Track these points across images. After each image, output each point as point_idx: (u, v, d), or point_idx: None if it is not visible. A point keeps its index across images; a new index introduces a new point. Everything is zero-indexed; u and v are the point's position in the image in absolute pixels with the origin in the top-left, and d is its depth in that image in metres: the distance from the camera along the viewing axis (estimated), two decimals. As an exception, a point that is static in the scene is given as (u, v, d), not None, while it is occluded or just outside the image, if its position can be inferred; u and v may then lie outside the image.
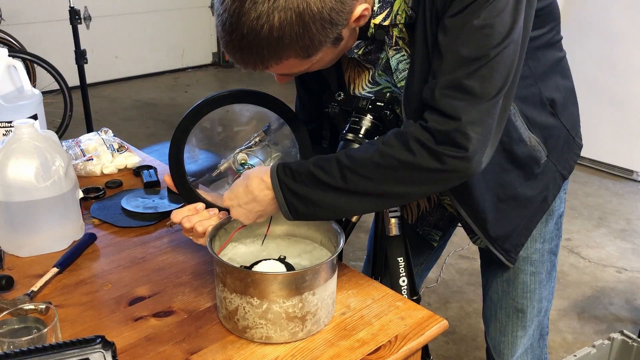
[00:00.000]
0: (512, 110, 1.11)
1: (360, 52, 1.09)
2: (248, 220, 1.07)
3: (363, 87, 1.18)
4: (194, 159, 1.20)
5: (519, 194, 1.20)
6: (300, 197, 1.01)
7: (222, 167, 1.22)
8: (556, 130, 1.21)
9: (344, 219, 1.41)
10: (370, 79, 1.16)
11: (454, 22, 0.93)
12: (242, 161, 1.19)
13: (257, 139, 1.22)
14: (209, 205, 1.15)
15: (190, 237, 1.14)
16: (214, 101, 1.14)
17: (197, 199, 1.16)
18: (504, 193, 1.19)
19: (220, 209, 1.14)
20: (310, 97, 1.30)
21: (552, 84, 1.18)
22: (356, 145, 1.19)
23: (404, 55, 1.07)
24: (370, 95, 1.16)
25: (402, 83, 1.09)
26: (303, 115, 1.31)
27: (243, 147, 1.21)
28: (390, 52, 1.08)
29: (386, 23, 1.02)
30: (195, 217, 1.12)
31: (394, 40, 1.06)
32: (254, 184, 1.04)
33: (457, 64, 0.94)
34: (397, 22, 1.02)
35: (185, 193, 1.16)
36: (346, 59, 1.16)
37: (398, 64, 1.08)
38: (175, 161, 1.16)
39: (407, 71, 1.06)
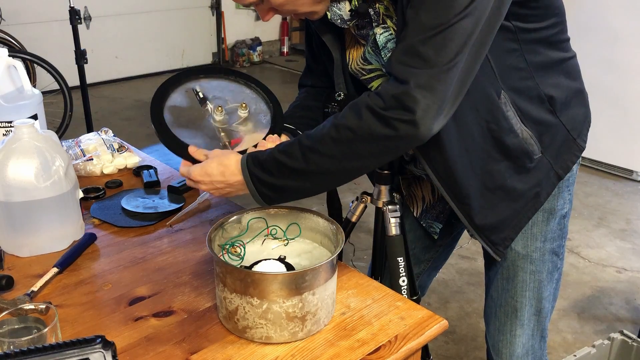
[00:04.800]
0: (503, 100, 1.12)
1: (351, 24, 1.13)
2: (218, 195, 1.17)
3: (357, 64, 1.20)
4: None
5: (508, 186, 1.20)
6: (269, 186, 1.08)
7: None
8: (554, 128, 1.20)
9: (344, 219, 1.42)
10: (362, 55, 1.18)
11: None
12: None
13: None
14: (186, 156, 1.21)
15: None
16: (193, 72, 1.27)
17: (182, 147, 1.21)
18: (492, 182, 1.19)
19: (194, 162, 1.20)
20: (317, 66, 1.38)
21: (552, 81, 1.18)
22: None
23: (392, 34, 1.08)
24: (364, 72, 1.18)
25: None
26: (308, 79, 1.42)
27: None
28: (378, 30, 1.10)
29: None
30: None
31: (380, 17, 1.08)
32: (228, 172, 1.11)
33: (415, 31, 0.97)
34: None
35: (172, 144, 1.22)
36: (349, 34, 1.20)
37: (387, 42, 1.10)
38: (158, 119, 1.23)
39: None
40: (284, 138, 1.27)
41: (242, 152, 1.16)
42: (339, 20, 1.13)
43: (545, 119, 1.19)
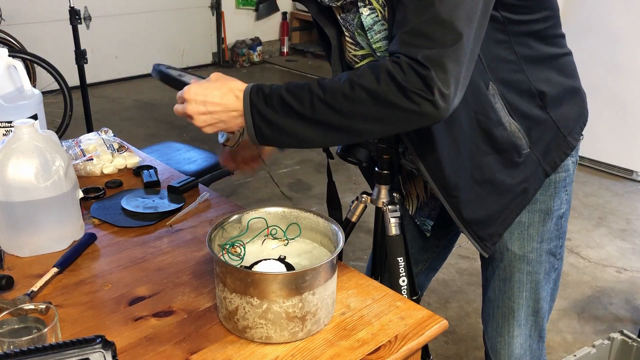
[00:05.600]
0: (491, 91, 1.12)
1: (338, 3, 1.12)
2: (208, 129, 1.06)
3: (348, 50, 1.19)
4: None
5: (497, 180, 1.20)
6: (268, 122, 1.02)
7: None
8: (543, 123, 1.20)
9: (343, 219, 1.42)
10: (351, 37, 1.17)
11: None
12: None
13: None
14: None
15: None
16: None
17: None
18: (480, 175, 1.19)
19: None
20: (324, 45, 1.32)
21: (544, 76, 1.18)
22: (356, 147, 1.19)
23: (378, 15, 1.08)
24: (357, 59, 1.18)
25: (378, 44, 1.11)
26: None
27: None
28: (364, 10, 1.09)
29: None
30: None
31: None
32: (228, 96, 1.03)
33: (414, 9, 0.95)
34: None
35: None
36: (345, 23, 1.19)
37: (374, 24, 1.10)
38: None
39: (382, 33, 1.09)
40: None
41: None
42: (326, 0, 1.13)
43: (534, 114, 1.18)
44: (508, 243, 1.30)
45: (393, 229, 1.32)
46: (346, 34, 1.18)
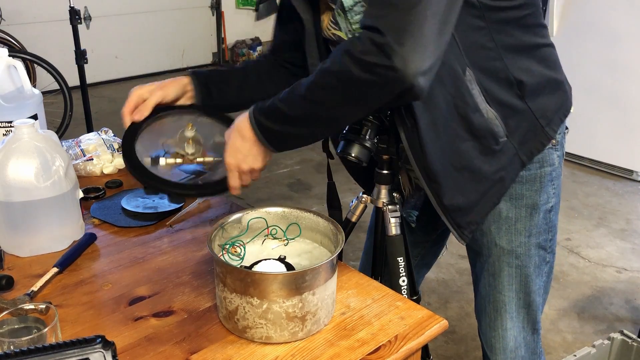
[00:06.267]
0: (468, 77, 1.13)
1: None
2: (252, 168, 1.16)
3: (328, 28, 1.20)
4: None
5: (475, 167, 1.20)
6: (273, 132, 1.10)
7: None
8: (520, 113, 1.20)
9: (343, 219, 1.42)
10: (332, 17, 1.17)
11: None
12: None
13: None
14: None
15: None
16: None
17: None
18: (459, 162, 1.19)
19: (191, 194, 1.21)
20: (285, 37, 1.37)
21: (523, 66, 1.18)
22: (356, 147, 1.19)
23: None
24: (334, 38, 1.19)
25: (356, 26, 1.11)
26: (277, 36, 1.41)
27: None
28: None
29: None
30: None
31: None
32: (243, 132, 1.12)
33: None
34: None
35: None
36: (322, 3, 1.20)
37: (354, 5, 1.10)
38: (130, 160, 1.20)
39: (361, 14, 1.08)
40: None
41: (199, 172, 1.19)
42: None
43: (511, 103, 1.18)
44: (496, 238, 1.31)
45: (393, 228, 1.32)
46: (332, 6, 1.18)
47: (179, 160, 1.24)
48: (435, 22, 0.97)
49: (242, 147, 1.12)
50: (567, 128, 1.31)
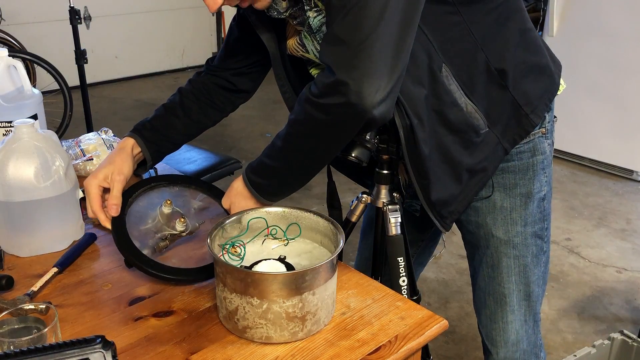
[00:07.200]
0: (444, 73, 1.13)
1: (287, 14, 1.14)
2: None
3: (296, 49, 1.21)
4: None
5: (456, 160, 1.20)
6: (264, 187, 1.17)
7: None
8: (503, 102, 1.20)
9: (343, 219, 1.42)
10: (298, 39, 1.19)
11: None
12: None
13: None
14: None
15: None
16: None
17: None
18: (443, 156, 1.19)
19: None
20: (239, 45, 1.37)
21: (503, 54, 1.17)
22: (357, 147, 1.19)
23: (324, 17, 1.08)
24: (302, 55, 1.21)
25: None
26: (220, 60, 1.41)
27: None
28: (311, 13, 1.10)
29: None
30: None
31: (312, 0, 1.09)
32: (239, 192, 1.20)
33: (331, 16, 1.00)
34: None
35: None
36: (290, 27, 1.21)
37: (321, 25, 1.11)
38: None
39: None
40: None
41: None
42: (275, 13, 1.14)
43: (493, 93, 1.18)
44: (493, 229, 1.31)
45: (393, 228, 1.32)
46: (298, 28, 1.18)
47: (168, 242, 1.24)
48: (387, 52, 0.98)
49: (247, 205, 1.19)
50: (555, 117, 1.31)
